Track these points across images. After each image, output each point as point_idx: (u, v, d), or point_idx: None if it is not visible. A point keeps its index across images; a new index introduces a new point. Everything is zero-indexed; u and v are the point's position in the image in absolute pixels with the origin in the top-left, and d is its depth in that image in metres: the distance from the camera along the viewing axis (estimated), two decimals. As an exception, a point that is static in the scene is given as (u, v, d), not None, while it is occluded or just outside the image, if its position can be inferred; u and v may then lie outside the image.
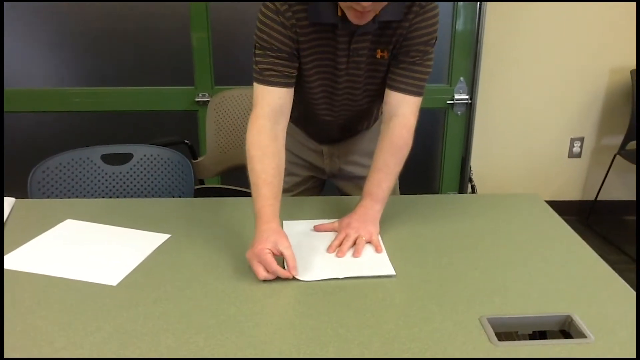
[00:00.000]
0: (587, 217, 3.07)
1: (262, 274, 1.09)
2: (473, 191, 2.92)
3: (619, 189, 3.11)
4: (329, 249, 1.21)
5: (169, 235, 1.28)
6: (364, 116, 1.53)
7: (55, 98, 2.67)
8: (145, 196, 1.62)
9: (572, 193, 3.10)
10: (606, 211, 3.10)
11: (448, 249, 1.24)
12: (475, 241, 1.28)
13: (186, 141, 2.25)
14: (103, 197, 1.59)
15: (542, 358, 0.89)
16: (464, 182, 2.92)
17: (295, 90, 1.36)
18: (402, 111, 1.30)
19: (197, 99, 2.68)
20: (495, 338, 0.93)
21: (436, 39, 1.29)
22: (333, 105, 1.40)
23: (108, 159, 1.60)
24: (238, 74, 2.68)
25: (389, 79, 1.31)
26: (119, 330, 0.94)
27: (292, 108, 1.48)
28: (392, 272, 1.13)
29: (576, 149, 3.01)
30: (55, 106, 2.68)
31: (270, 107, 1.25)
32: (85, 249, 1.21)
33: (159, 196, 1.63)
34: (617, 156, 2.82)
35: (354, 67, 1.31)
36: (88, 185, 1.57)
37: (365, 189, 1.31)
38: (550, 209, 1.46)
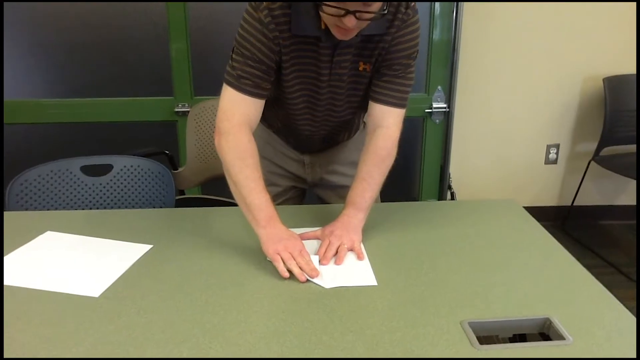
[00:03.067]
0: (563, 222, 3.12)
1: (297, 270, 1.13)
2: (452, 198, 2.96)
3: (594, 195, 3.18)
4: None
5: (150, 246, 1.27)
6: (346, 127, 1.54)
7: (32, 109, 2.65)
8: (126, 207, 1.62)
9: (548, 199, 3.15)
10: (582, 216, 3.16)
11: (429, 255, 1.25)
12: (456, 247, 1.29)
13: (166, 152, 2.25)
14: (83, 209, 1.57)
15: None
16: (443, 189, 2.96)
17: (276, 101, 1.37)
18: (386, 123, 1.32)
19: (176, 109, 2.68)
20: (476, 342, 0.94)
21: (417, 52, 1.31)
22: (315, 116, 1.42)
23: (88, 170, 1.59)
24: (218, 84, 2.68)
25: (373, 92, 1.33)
26: (102, 342, 0.94)
27: (274, 118, 1.49)
28: (374, 282, 1.14)
29: (552, 156, 3.07)
30: (31, 118, 2.66)
31: (245, 116, 1.26)
32: (66, 261, 1.20)
33: (140, 207, 1.62)
34: (592, 162, 2.88)
35: (336, 79, 1.32)
36: (68, 197, 1.56)
37: (349, 198, 1.33)
38: (527, 214, 1.49)
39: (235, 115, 1.24)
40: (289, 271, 1.14)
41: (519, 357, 0.91)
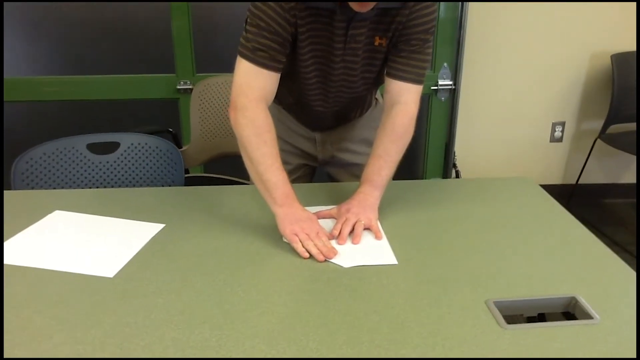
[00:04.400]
0: (567, 200, 3.11)
1: (315, 250, 1.10)
2: (457, 176, 2.94)
3: (599, 173, 3.16)
4: (331, 238, 1.19)
5: (163, 225, 1.25)
6: (359, 104, 1.51)
7: (30, 87, 2.59)
8: (134, 186, 1.58)
9: (553, 177, 3.14)
10: (586, 194, 3.15)
11: (447, 234, 1.23)
12: (473, 225, 1.27)
13: (170, 129, 2.21)
14: (90, 188, 1.54)
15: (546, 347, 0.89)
16: (447, 168, 2.93)
17: (288, 76, 1.33)
18: (403, 99, 1.29)
19: (178, 87, 2.63)
20: (503, 321, 0.93)
21: (435, 27, 1.28)
22: (328, 92, 1.38)
23: (94, 148, 1.55)
24: (220, 60, 2.64)
25: (390, 68, 1.30)
26: (120, 324, 0.91)
27: (285, 94, 1.45)
28: (394, 261, 1.11)
29: (557, 134, 3.04)
30: (29, 95, 2.60)
31: (262, 90, 1.22)
32: (78, 241, 1.17)
33: (149, 185, 1.59)
34: (598, 140, 2.86)
35: (350, 54, 1.28)
36: (74, 175, 1.52)
37: (365, 176, 1.30)
38: (543, 191, 1.46)
39: (252, 90, 1.21)
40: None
41: (547, 336, 0.89)
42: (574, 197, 3.12)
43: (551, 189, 3.18)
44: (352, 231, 1.20)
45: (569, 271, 1.08)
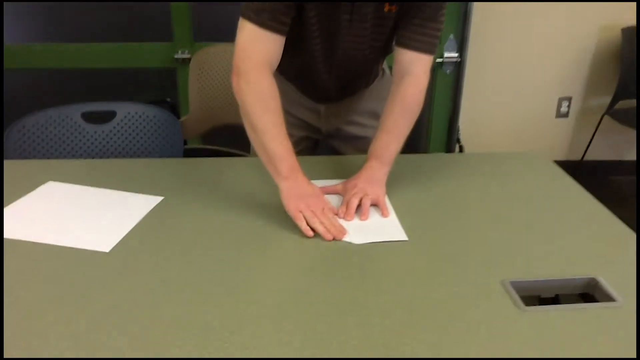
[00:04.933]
0: (572, 176, 3.06)
1: (321, 228, 1.05)
2: (461, 151, 2.88)
3: (605, 150, 3.11)
4: (338, 214, 1.14)
5: (161, 198, 1.19)
6: (365, 74, 1.44)
7: (22, 54, 2.50)
8: (131, 157, 1.52)
9: (557, 153, 3.08)
10: (592, 171, 3.10)
11: (459, 210, 1.18)
12: (485, 202, 1.22)
13: (168, 99, 2.13)
14: (85, 158, 1.48)
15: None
16: (451, 143, 2.88)
17: (293, 43, 1.26)
18: (414, 70, 1.22)
19: (176, 56, 2.55)
20: (521, 302, 0.88)
21: None
22: (333, 60, 1.31)
23: (89, 117, 1.49)
24: (219, 29, 2.55)
25: (400, 36, 1.23)
26: (117, 301, 0.86)
27: (288, 63, 1.38)
28: (404, 237, 1.06)
29: (564, 109, 2.98)
30: (21, 63, 2.52)
31: (266, 54, 1.15)
32: (72, 213, 1.11)
33: (146, 157, 1.53)
34: (605, 116, 2.80)
35: (358, 20, 1.21)
36: (69, 145, 1.46)
37: (372, 150, 1.24)
38: (557, 167, 1.41)
39: (256, 54, 1.14)
40: (313, 230, 1.06)
41: (567, 318, 0.85)
42: (579, 174, 3.06)
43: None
44: (359, 207, 1.15)
45: (588, 251, 1.03)
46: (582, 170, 3.06)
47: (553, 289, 0.96)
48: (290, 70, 1.42)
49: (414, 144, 2.93)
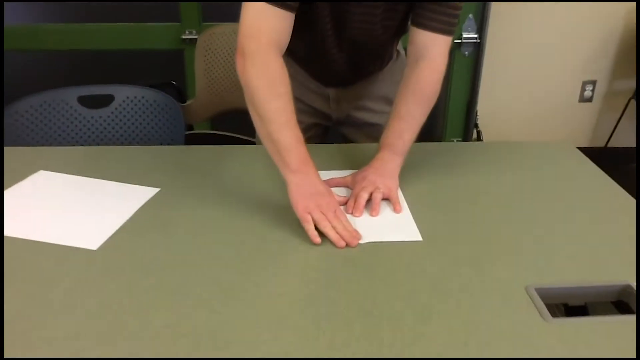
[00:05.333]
0: (595, 164, 2.94)
1: (333, 234, 0.94)
2: (479, 137, 2.77)
3: (630, 136, 2.97)
4: (346, 209, 1.05)
5: (157, 189, 1.11)
6: (378, 55, 1.34)
7: (23, 35, 2.43)
8: (129, 144, 1.44)
9: (580, 139, 2.96)
10: (616, 159, 2.97)
11: (478, 206, 1.09)
12: (507, 197, 1.12)
13: (173, 82, 2.05)
14: (80, 145, 1.40)
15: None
16: (469, 128, 2.77)
17: (301, 22, 1.17)
18: (431, 53, 1.12)
19: (183, 37, 2.46)
20: (547, 313, 0.79)
21: None
22: (344, 40, 1.22)
23: (86, 101, 1.41)
24: (228, 8, 2.45)
25: (417, 15, 1.13)
26: (101, 306, 0.79)
27: (296, 44, 1.29)
28: (418, 237, 0.97)
29: (587, 93, 2.85)
30: (22, 44, 2.44)
31: (275, 33, 1.04)
32: (60, 206, 1.04)
33: (145, 143, 1.45)
34: (632, 101, 2.67)
35: None
36: (64, 131, 1.39)
37: (384, 140, 1.15)
38: (586, 159, 1.31)
39: (264, 32, 1.03)
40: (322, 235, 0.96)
41: (600, 332, 0.76)
42: (602, 161, 2.94)
43: (578, 153, 3.00)
44: (368, 202, 1.06)
45: (622, 253, 0.94)
46: (605, 158, 2.93)
47: (582, 297, 0.87)
48: (298, 51, 1.33)
49: (429, 129, 2.82)
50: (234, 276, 0.86)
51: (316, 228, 0.95)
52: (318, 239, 0.93)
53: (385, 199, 1.08)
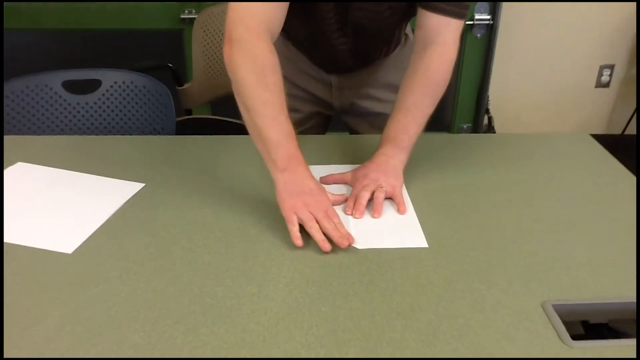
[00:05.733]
0: (611, 152, 2.83)
1: (319, 236, 0.85)
2: (489, 123, 2.67)
3: (649, 123, 2.86)
4: (346, 210, 0.96)
5: (142, 185, 1.03)
6: (385, 39, 1.24)
7: (18, 14, 2.33)
8: (116, 133, 1.36)
9: (595, 126, 2.84)
10: (632, 147, 2.86)
11: (490, 207, 0.99)
12: (523, 197, 1.03)
13: (169, 64, 1.96)
14: (64, 134, 1.32)
15: (635, 366, 0.67)
16: (479, 113, 2.66)
17: (300, 5, 1.07)
18: (441, 38, 1.02)
19: (182, 16, 2.36)
20: (567, 335, 0.70)
21: None
22: (347, 22, 1.12)
23: (71, 86, 1.32)
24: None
25: None
26: (71, 320, 0.71)
27: (295, 26, 1.20)
28: (423, 243, 0.88)
29: (605, 78, 2.73)
30: (17, 23, 2.34)
31: (266, 18, 0.94)
32: (36, 203, 0.96)
33: (132, 133, 1.36)
34: (651, 86, 2.55)
35: None
36: (48, 118, 1.30)
37: (387, 133, 1.05)
38: (607, 153, 1.21)
39: (253, 17, 0.93)
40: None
41: (628, 355, 0.67)
42: (618, 149, 2.83)
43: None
44: (370, 202, 0.98)
45: (648, 263, 0.85)
46: (622, 146, 2.82)
47: (606, 313, 0.78)
48: (298, 34, 1.23)
49: (437, 114, 2.71)
50: (217, 287, 0.78)
51: (303, 230, 0.87)
52: (300, 242, 0.86)
53: (389, 198, 0.99)
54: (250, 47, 0.93)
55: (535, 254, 0.86)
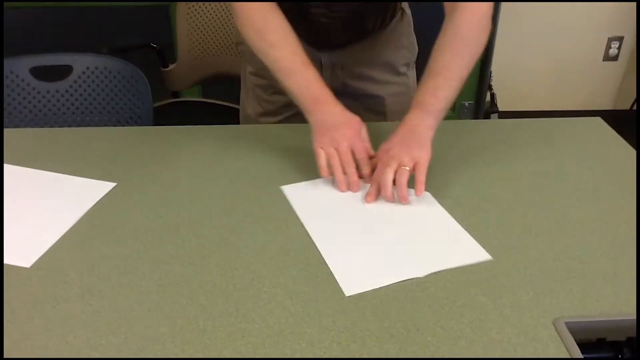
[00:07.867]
0: (619, 129, 2.73)
1: (339, 174, 0.92)
2: (492, 99, 2.57)
3: (658, 97, 2.76)
4: (367, 197, 0.90)
5: (113, 184, 0.94)
6: (377, 9, 1.14)
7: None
8: (90, 124, 1.26)
9: (603, 101, 2.75)
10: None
11: (496, 206, 0.90)
12: (529, 192, 0.94)
13: (153, 44, 1.85)
14: (31, 126, 1.22)
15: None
16: (482, 90, 2.56)
17: None
18: None
19: (168, -9, 2.24)
20: (580, 354, 0.62)
21: None
22: None
23: (40, 73, 1.22)
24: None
25: None
26: (21, 346, 0.63)
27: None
28: (486, 256, 0.78)
29: (613, 51, 2.62)
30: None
31: None
32: (-5, 208, 0.87)
33: (107, 124, 1.27)
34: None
35: None
36: (15, 108, 1.21)
37: (416, 98, 0.96)
38: (625, 142, 1.12)
39: None
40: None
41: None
42: (627, 124, 2.73)
43: (599, 115, 2.80)
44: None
45: (671, 270, 0.76)
46: (630, 121, 2.72)
47: (624, 331, 0.70)
48: (281, 6, 1.13)
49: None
50: (189, 307, 0.69)
51: None
52: (325, 172, 0.93)
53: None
54: (245, 13, 1.01)
55: (545, 262, 0.78)
